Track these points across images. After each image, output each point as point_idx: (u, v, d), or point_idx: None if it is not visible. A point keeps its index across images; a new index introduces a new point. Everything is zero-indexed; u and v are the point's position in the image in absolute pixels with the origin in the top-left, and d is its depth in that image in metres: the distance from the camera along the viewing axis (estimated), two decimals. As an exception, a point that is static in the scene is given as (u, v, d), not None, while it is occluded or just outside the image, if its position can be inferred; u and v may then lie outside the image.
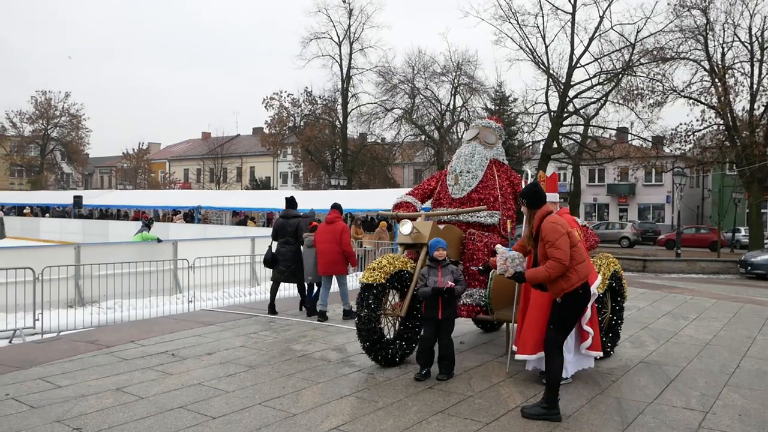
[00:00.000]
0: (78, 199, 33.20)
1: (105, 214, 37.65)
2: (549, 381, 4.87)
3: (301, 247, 9.40)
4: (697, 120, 30.03)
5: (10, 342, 8.63)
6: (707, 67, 29.63)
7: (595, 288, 5.91)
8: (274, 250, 9.49)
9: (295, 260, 9.34)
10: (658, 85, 30.73)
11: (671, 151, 33.36)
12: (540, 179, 6.07)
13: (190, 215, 31.45)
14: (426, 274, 5.83)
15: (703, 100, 29.80)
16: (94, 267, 11.11)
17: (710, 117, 29.99)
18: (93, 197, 37.05)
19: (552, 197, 5.84)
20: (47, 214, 36.26)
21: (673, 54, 30.12)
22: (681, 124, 30.57)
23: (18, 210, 36.78)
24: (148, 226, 15.05)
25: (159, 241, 13.66)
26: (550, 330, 4.94)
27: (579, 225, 7.21)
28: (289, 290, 11.25)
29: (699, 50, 29.83)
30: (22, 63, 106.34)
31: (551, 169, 44.40)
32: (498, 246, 5.26)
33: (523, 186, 7.26)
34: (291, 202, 9.77)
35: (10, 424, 4.56)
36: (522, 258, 5.07)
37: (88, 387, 5.48)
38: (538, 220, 4.90)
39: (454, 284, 5.71)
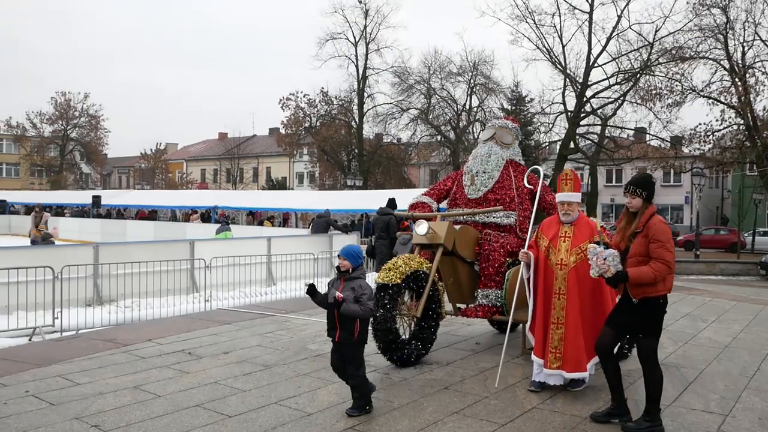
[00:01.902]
0: (96, 199, 33.57)
1: (123, 213, 38.01)
2: (651, 394, 4.60)
3: (396, 242, 10.82)
4: (717, 120, 29.71)
5: (30, 340, 8.74)
6: (727, 66, 29.29)
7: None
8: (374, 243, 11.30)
9: (387, 253, 10.77)
10: (676, 85, 30.44)
11: (690, 151, 33.02)
12: (566, 177, 5.67)
13: (207, 215, 31.68)
14: (331, 285, 4.95)
15: (722, 100, 29.45)
16: (113, 266, 11.22)
17: (730, 117, 29.64)
18: (111, 197, 37.45)
19: (575, 197, 5.58)
20: (66, 213, 36.68)
21: (692, 53, 29.80)
22: (700, 124, 30.26)
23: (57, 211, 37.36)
24: (227, 223, 15.57)
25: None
26: (642, 339, 4.61)
27: (606, 230, 7.11)
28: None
29: (719, 49, 29.50)
30: (38, 64, 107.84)
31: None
32: (592, 245, 4.76)
33: (525, 183, 7.01)
34: (391, 202, 11.73)
35: (30, 420, 4.62)
36: (619, 256, 4.59)
37: (106, 385, 5.53)
38: (647, 216, 4.58)
39: (343, 297, 4.70)
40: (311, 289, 4.74)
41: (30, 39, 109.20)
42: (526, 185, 6.87)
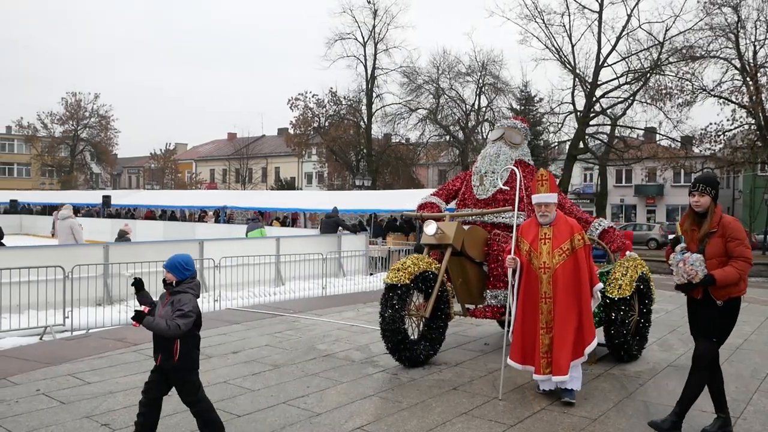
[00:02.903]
0: (107, 199, 33.72)
1: (133, 213, 38.20)
2: (689, 395, 4.50)
3: None
4: (728, 120, 29.57)
5: (40, 339, 8.80)
6: (738, 65, 29.12)
7: (597, 290, 5.50)
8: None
9: None
10: (687, 85, 30.28)
11: (701, 151, 32.81)
12: (542, 178, 5.53)
13: (216, 215, 31.81)
14: (160, 299, 4.32)
15: (733, 100, 29.28)
16: (122, 266, 11.26)
17: (741, 116, 29.47)
18: (121, 197, 37.61)
19: (552, 198, 5.44)
20: (80, 213, 36.87)
21: (703, 52, 29.64)
22: (711, 123, 30.10)
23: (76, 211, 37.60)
24: (259, 220, 16.16)
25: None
26: (713, 343, 4.47)
27: (615, 230, 7.05)
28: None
29: (730, 48, 29.34)
30: (38, 64, 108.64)
31: (578, 169, 43.94)
32: (680, 247, 4.48)
33: (500, 185, 6.76)
34: None
35: (41, 418, 4.65)
36: (704, 260, 4.39)
37: (116, 384, 5.56)
38: (719, 215, 4.43)
39: (148, 309, 4.10)
40: (137, 284, 4.14)
41: (30, 39, 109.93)
42: (501, 186, 6.67)
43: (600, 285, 5.66)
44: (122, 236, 14.68)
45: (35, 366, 6.13)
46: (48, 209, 37.32)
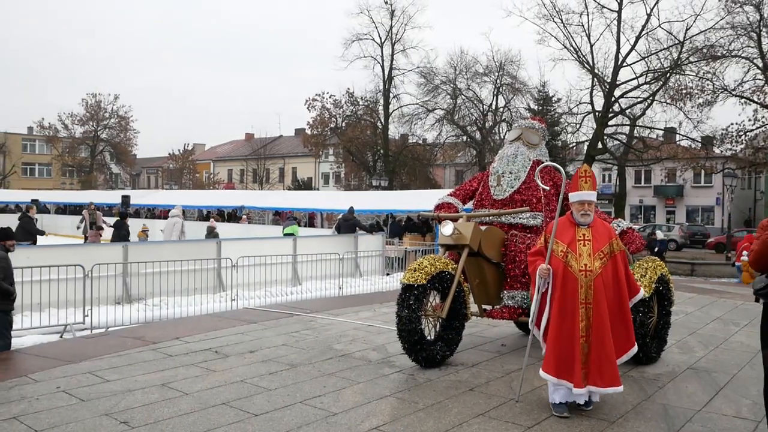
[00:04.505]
0: (126, 199, 34.07)
1: (153, 213, 38.57)
2: None
3: None
4: (750, 119, 29.20)
5: (61, 336, 8.92)
6: (760, 64, 28.73)
7: (636, 299, 5.28)
8: None
9: None
10: (707, 84, 29.96)
11: (721, 151, 32.45)
12: (585, 174, 5.17)
13: (234, 215, 32.01)
14: None
15: (755, 99, 28.91)
16: (141, 265, 11.38)
17: (763, 116, 29.09)
18: (140, 197, 38.01)
19: (595, 196, 5.14)
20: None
21: (724, 52, 29.31)
22: (732, 123, 29.77)
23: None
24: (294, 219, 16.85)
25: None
26: None
27: (634, 231, 6.97)
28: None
29: (752, 47, 28.99)
30: (68, 66, 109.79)
31: (596, 170, 43.59)
32: None
33: (539, 181, 6.67)
34: None
35: (62, 416, 4.70)
36: None
37: (134, 382, 5.61)
38: None
39: None
40: None
41: (34, 40, 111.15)
42: (540, 183, 6.58)
43: (642, 293, 5.38)
44: (211, 232, 15.34)
45: (55, 363, 6.20)
46: (69, 209, 37.78)
